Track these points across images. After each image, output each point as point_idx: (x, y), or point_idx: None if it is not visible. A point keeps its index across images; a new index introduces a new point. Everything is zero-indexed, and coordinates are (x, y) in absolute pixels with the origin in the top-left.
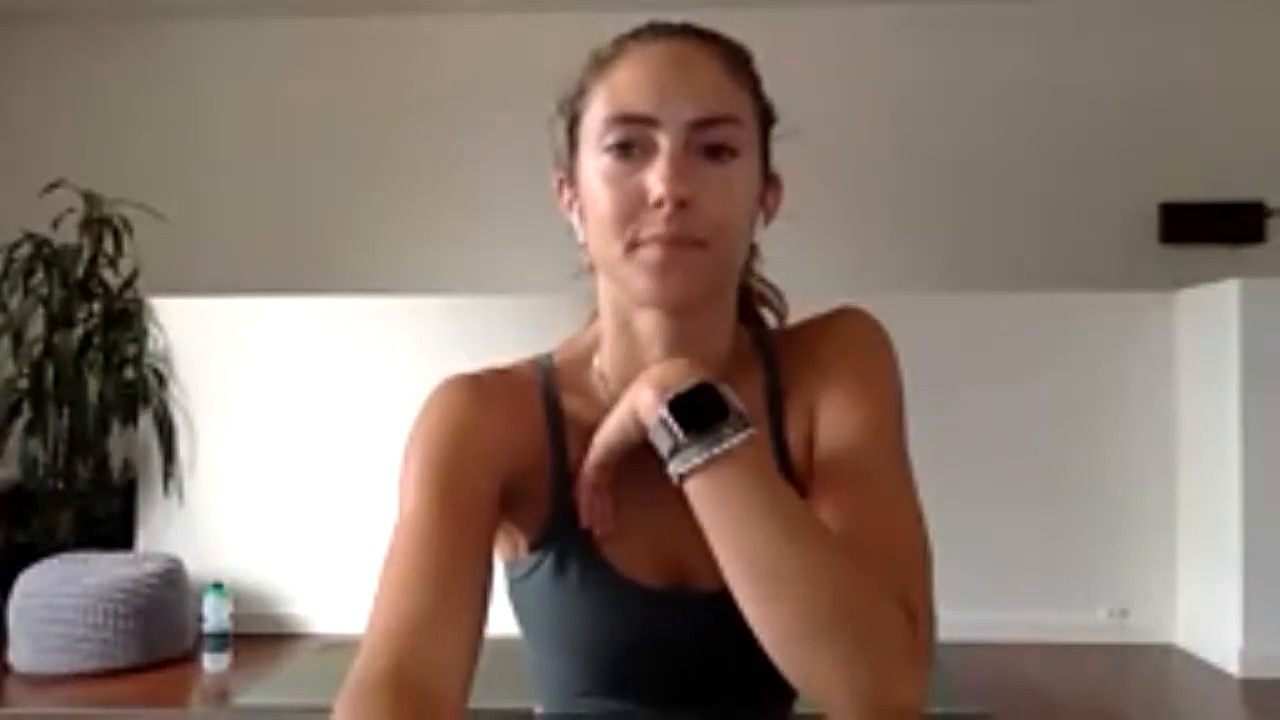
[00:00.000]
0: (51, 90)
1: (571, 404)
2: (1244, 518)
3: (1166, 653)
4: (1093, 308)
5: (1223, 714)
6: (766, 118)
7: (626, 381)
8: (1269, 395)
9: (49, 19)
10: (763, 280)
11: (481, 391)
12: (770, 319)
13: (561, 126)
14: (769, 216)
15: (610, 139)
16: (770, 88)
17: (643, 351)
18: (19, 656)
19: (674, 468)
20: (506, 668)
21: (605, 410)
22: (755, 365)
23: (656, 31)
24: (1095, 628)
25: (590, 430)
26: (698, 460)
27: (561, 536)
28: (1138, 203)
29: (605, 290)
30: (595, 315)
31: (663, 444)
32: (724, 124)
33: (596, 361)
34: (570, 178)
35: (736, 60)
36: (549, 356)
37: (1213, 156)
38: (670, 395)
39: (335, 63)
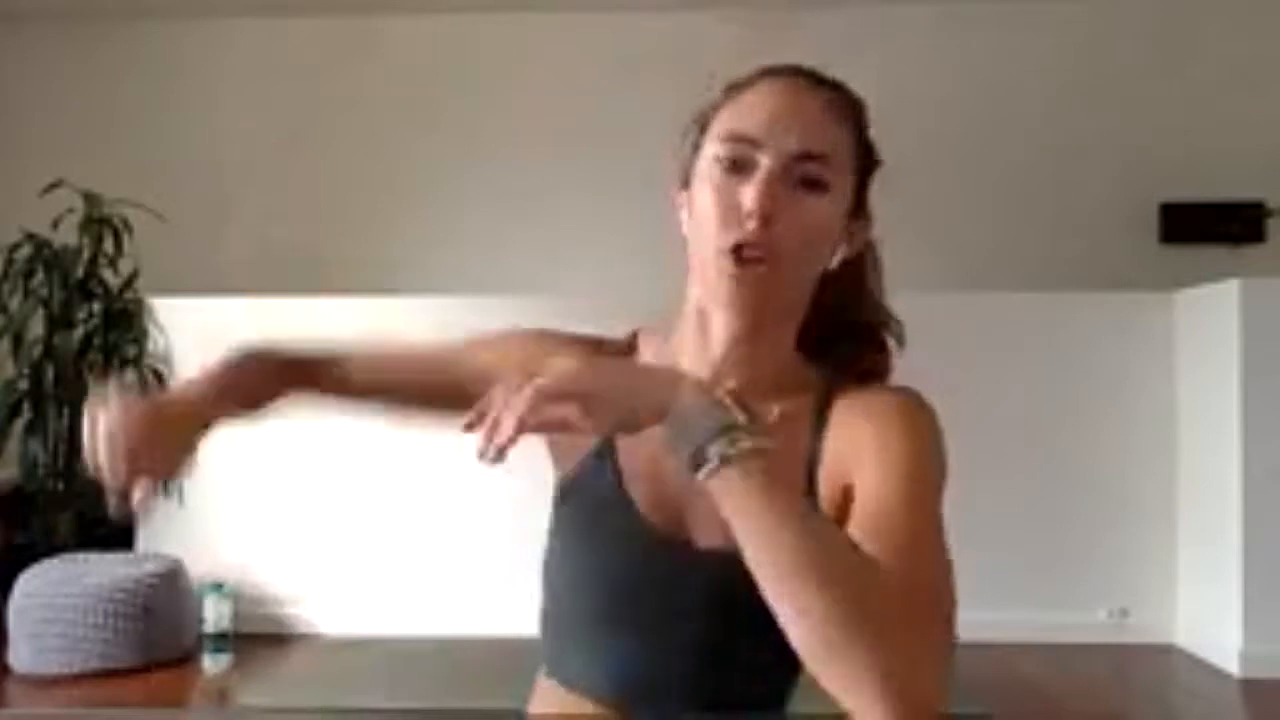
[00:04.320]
0: (51, 90)
1: None
2: (1244, 518)
3: (1166, 653)
4: (1093, 307)
5: (1223, 714)
6: (867, 161)
7: (689, 367)
8: (1269, 395)
9: (49, 19)
10: (880, 307)
11: (563, 337)
12: (891, 344)
13: (690, 138)
14: (850, 250)
15: (722, 151)
16: None
17: (710, 348)
18: (19, 657)
19: (691, 461)
20: (507, 667)
21: None
22: (803, 426)
23: (791, 71)
24: (1095, 628)
25: None
26: (714, 462)
27: (594, 472)
28: (1138, 203)
29: (691, 291)
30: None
31: (679, 441)
32: (818, 161)
33: (668, 344)
34: (686, 178)
35: (844, 108)
36: (633, 334)
37: (1213, 156)
38: (691, 399)
39: (337, 63)
